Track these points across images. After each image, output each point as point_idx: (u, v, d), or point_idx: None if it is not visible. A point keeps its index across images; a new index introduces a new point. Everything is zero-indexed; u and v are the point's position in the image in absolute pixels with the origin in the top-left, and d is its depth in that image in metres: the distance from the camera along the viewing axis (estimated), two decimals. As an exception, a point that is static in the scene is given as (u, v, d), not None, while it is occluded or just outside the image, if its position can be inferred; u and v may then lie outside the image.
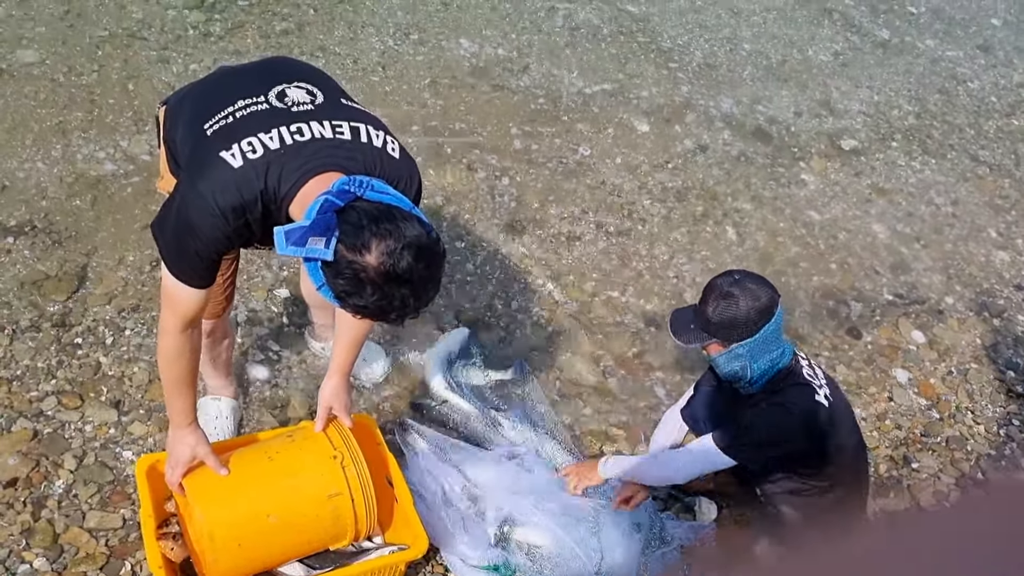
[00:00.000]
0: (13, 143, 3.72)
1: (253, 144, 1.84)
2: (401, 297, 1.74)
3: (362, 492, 2.22)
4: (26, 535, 2.48)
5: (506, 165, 4.23)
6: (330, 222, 1.70)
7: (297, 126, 1.86)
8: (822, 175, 4.68)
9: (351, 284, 1.72)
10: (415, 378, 3.18)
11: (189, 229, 1.87)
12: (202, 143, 1.91)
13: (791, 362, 2.52)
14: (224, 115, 1.92)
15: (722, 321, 2.44)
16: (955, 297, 4.11)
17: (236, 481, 2.19)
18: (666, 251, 3.98)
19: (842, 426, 2.56)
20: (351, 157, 1.87)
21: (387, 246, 1.69)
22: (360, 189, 1.74)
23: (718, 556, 2.76)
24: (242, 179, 1.83)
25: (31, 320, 3.05)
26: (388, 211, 1.73)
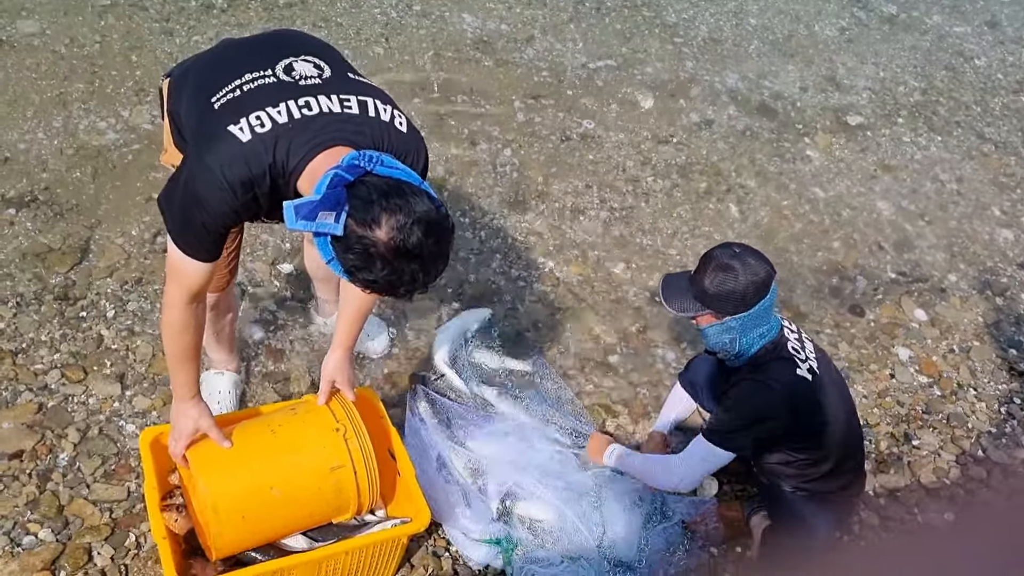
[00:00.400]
0: (14, 115, 3.70)
1: (261, 118, 1.83)
2: (411, 272, 1.75)
3: (364, 464, 2.23)
4: (31, 506, 2.49)
5: (509, 138, 4.21)
6: (340, 196, 1.70)
7: (305, 100, 1.86)
8: (827, 151, 4.66)
9: (361, 259, 1.73)
10: (417, 352, 3.18)
11: (197, 202, 1.87)
12: (209, 117, 1.90)
13: (777, 336, 2.53)
14: (231, 88, 1.91)
15: (719, 293, 2.42)
16: (958, 275, 4.10)
17: (239, 454, 2.20)
18: (669, 227, 3.96)
19: (829, 399, 2.55)
20: (359, 131, 1.87)
21: (397, 221, 1.69)
22: (370, 164, 1.74)
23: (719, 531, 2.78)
24: (251, 153, 1.83)
25: (35, 293, 3.05)
26: (398, 186, 1.73)
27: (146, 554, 2.44)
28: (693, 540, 2.75)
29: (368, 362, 3.10)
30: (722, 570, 2.74)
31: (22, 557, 2.36)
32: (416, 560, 2.57)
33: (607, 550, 2.63)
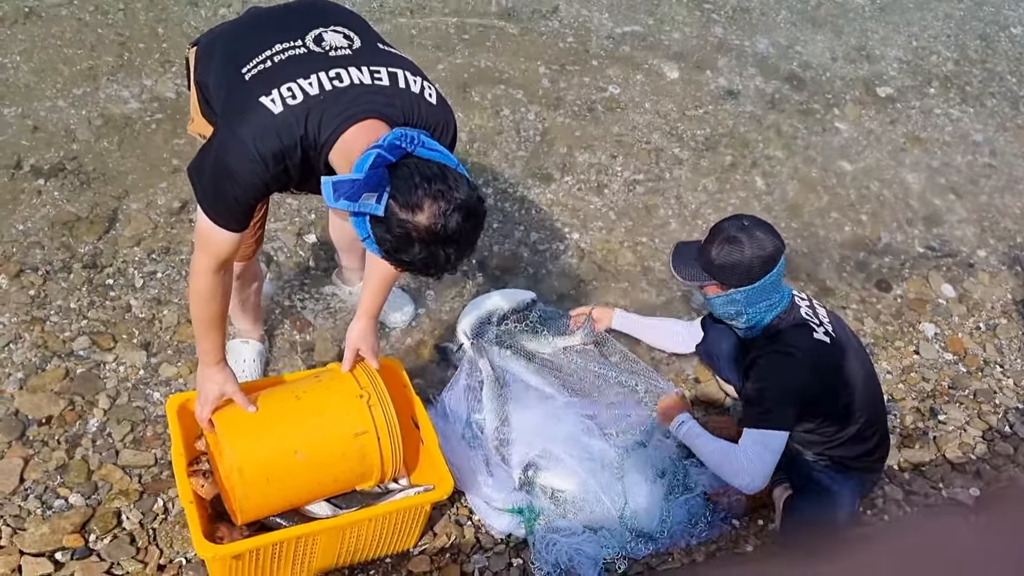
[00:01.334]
0: (42, 85, 3.72)
1: (293, 90, 1.83)
2: (446, 255, 1.78)
3: (388, 431, 2.25)
4: (61, 472, 2.53)
5: (534, 107, 4.18)
6: (383, 177, 1.71)
7: (336, 71, 1.86)
8: (856, 123, 4.59)
9: (400, 241, 1.76)
10: (441, 323, 3.19)
11: (228, 174, 1.88)
12: (240, 88, 1.90)
13: (788, 305, 2.52)
14: (262, 59, 1.91)
15: (724, 265, 2.42)
16: (988, 250, 4.04)
17: (264, 419, 2.22)
18: (694, 199, 3.93)
19: (849, 362, 2.54)
20: (390, 103, 1.87)
21: (440, 207, 1.72)
22: (411, 145, 1.76)
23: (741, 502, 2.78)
24: (282, 125, 1.83)
25: (63, 261, 3.09)
26: (441, 171, 1.75)
27: (174, 518, 2.47)
28: (715, 511, 2.75)
29: (392, 332, 3.11)
30: (744, 541, 2.75)
31: (53, 520, 2.41)
32: (439, 528, 2.60)
33: (629, 520, 2.64)
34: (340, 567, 2.44)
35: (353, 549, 2.38)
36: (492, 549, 2.58)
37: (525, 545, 2.59)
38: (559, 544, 2.55)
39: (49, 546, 2.36)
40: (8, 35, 3.91)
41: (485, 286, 3.35)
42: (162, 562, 2.39)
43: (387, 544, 2.44)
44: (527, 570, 2.54)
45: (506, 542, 2.60)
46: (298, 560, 2.29)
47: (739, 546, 2.73)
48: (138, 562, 2.37)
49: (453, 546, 2.57)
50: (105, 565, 2.35)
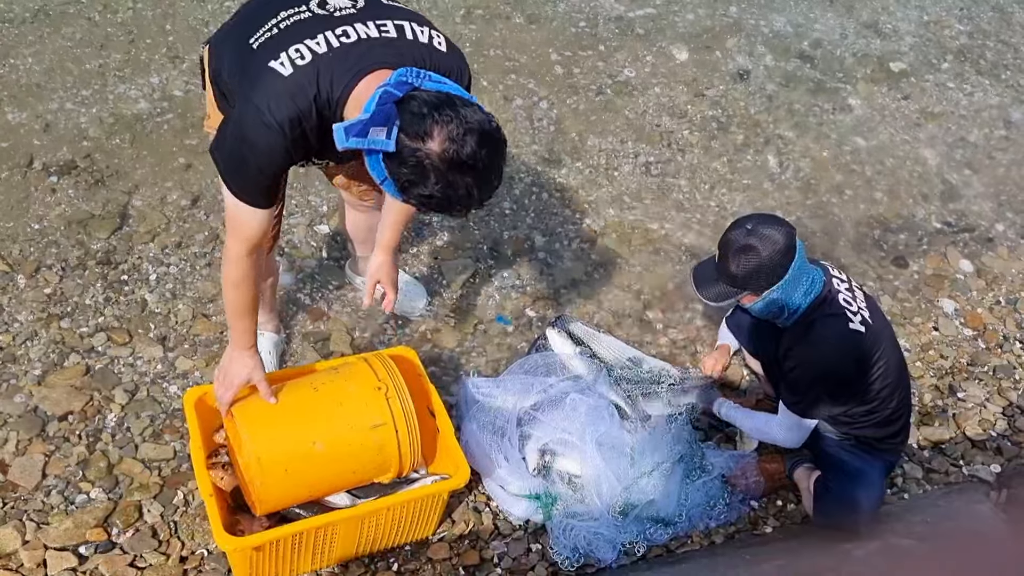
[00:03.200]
0: (53, 84, 3.74)
1: (301, 51, 1.82)
2: (465, 186, 1.74)
3: (406, 422, 2.25)
4: (82, 466, 2.56)
5: (544, 92, 4.16)
6: (390, 112, 1.70)
7: (343, 29, 1.85)
8: (869, 99, 4.54)
9: (415, 172, 1.72)
10: (456, 311, 3.19)
11: (248, 145, 1.87)
12: (250, 58, 1.90)
13: (824, 290, 2.49)
14: (268, 28, 1.91)
15: (748, 274, 2.42)
16: (1006, 224, 4.00)
17: (282, 410, 2.24)
18: (707, 180, 3.91)
19: (884, 346, 2.53)
20: (399, 54, 1.86)
21: (450, 131, 1.68)
22: (418, 79, 1.74)
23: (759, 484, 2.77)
24: (295, 87, 1.82)
25: (78, 258, 3.11)
26: (448, 98, 1.72)
27: (194, 511, 2.49)
28: (733, 494, 2.75)
29: (407, 322, 3.12)
30: (763, 523, 2.74)
31: (76, 515, 2.43)
32: (457, 515, 2.60)
33: (646, 505, 2.64)
34: (360, 556, 2.45)
35: (372, 538, 2.39)
36: (511, 535, 2.59)
37: (543, 530, 2.59)
38: (577, 529, 2.55)
39: (73, 540, 2.38)
40: (18, 35, 3.93)
41: (497, 271, 3.34)
42: (184, 554, 2.41)
43: (406, 532, 2.45)
44: (546, 555, 2.54)
45: (524, 528, 2.61)
46: (318, 550, 2.30)
47: (758, 528, 2.73)
48: (160, 554, 2.40)
49: (472, 533, 2.58)
50: (128, 558, 2.37)
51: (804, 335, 2.49)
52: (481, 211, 3.54)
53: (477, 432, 2.66)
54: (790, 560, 2.40)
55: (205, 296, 3.07)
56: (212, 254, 3.21)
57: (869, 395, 2.53)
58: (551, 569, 2.51)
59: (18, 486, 2.49)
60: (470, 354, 3.06)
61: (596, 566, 2.53)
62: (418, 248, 3.39)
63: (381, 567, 2.46)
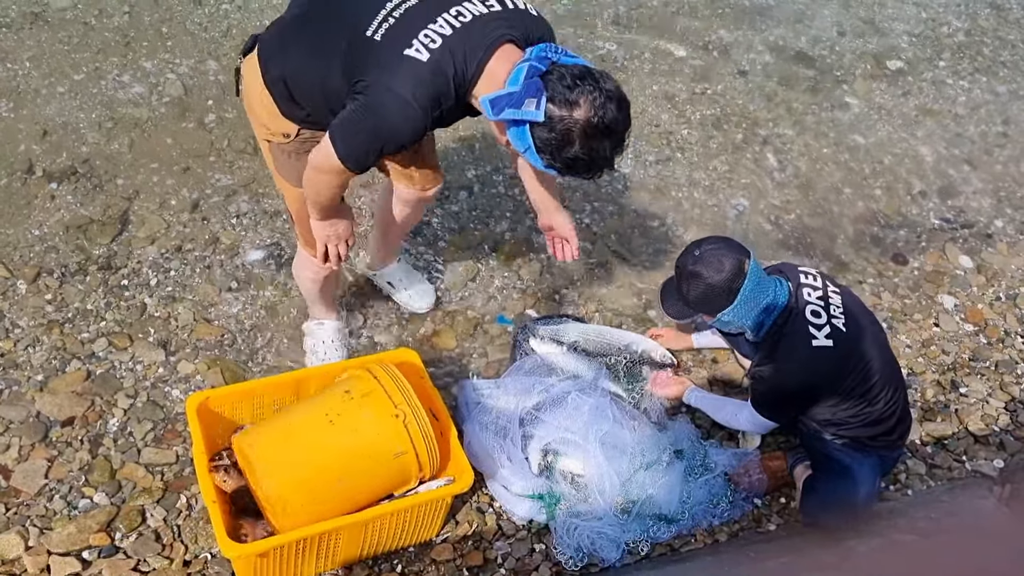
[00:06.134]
0: (51, 89, 3.74)
1: (430, 35, 1.94)
2: (605, 148, 1.96)
3: (426, 445, 2.28)
4: (85, 471, 2.56)
5: (541, 96, 4.16)
6: (538, 85, 1.89)
7: (455, 10, 1.97)
8: (866, 97, 4.55)
9: (562, 139, 1.92)
10: (458, 310, 3.19)
11: (389, 130, 2.00)
12: (373, 50, 1.98)
13: (790, 302, 2.49)
14: (382, 18, 1.99)
15: (697, 298, 2.47)
16: (1004, 220, 4.00)
17: (301, 448, 2.26)
18: (706, 179, 3.91)
19: (862, 351, 2.52)
20: (511, 25, 2.00)
21: (593, 100, 1.90)
22: (555, 54, 1.94)
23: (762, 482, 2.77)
24: (435, 70, 1.94)
25: (78, 264, 3.10)
26: (588, 71, 1.94)
27: (197, 515, 2.49)
28: (736, 492, 2.75)
29: (408, 324, 3.12)
30: (767, 521, 2.74)
31: (79, 519, 2.43)
32: (460, 516, 2.60)
33: (648, 504, 2.64)
34: (364, 558, 2.45)
35: (376, 541, 2.39)
36: (514, 535, 2.59)
37: (547, 530, 2.59)
38: (581, 528, 2.55)
39: (76, 545, 2.38)
40: (16, 40, 3.93)
41: (498, 272, 3.35)
42: (187, 558, 2.40)
43: (409, 535, 2.45)
44: (550, 555, 2.54)
45: (528, 528, 2.61)
46: (322, 554, 2.30)
47: (761, 525, 2.73)
48: (164, 558, 2.39)
49: (475, 533, 2.57)
50: (132, 562, 2.37)
51: (771, 353, 2.52)
52: (481, 212, 3.55)
53: (479, 433, 2.67)
54: (794, 557, 2.41)
55: (206, 300, 3.07)
56: (212, 257, 3.21)
57: (851, 399, 2.54)
58: (555, 569, 2.51)
59: (21, 492, 2.48)
60: (471, 355, 3.06)
61: (600, 565, 2.53)
62: (419, 249, 3.38)
63: (385, 569, 2.46)
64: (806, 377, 2.50)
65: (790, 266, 2.65)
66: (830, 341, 2.45)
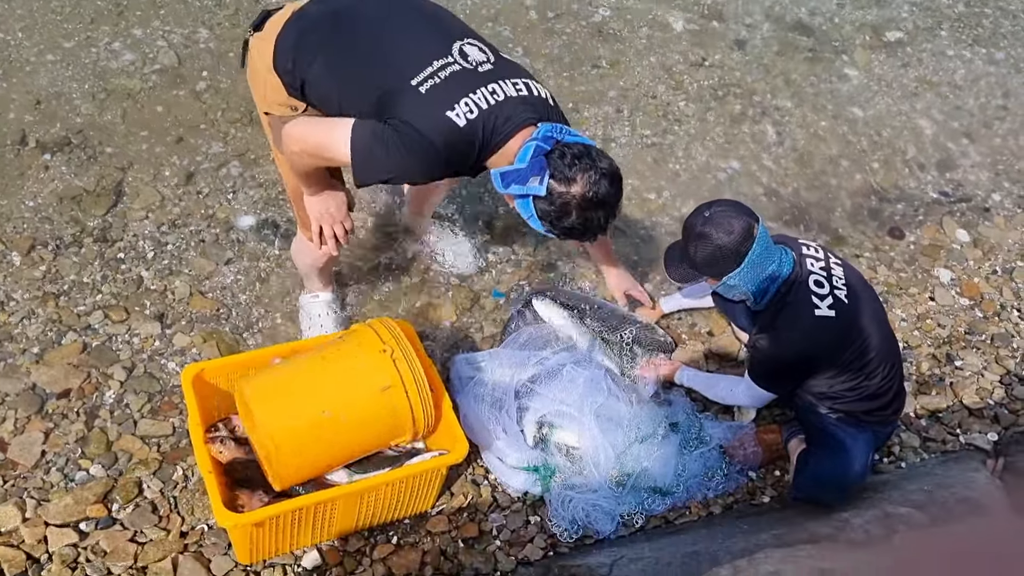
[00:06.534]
0: (44, 59, 3.70)
1: (469, 105, 2.13)
2: (598, 217, 2.19)
3: (415, 382, 2.26)
4: (81, 443, 2.56)
5: (537, 67, 4.13)
6: (543, 164, 2.12)
7: (491, 87, 2.16)
8: (866, 69, 4.52)
9: (560, 211, 2.16)
10: (452, 284, 3.19)
11: (412, 167, 2.18)
12: (418, 99, 2.13)
13: (793, 273, 2.48)
14: (428, 75, 2.15)
15: (705, 260, 2.44)
16: (1002, 194, 3.99)
17: (292, 382, 2.26)
18: (703, 152, 3.89)
19: (861, 328, 2.52)
20: (534, 111, 2.20)
21: (589, 177, 2.12)
22: (560, 134, 2.16)
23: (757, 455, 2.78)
24: (469, 136, 2.14)
25: (73, 235, 3.09)
26: (587, 149, 2.15)
27: (194, 486, 2.50)
28: (731, 465, 2.76)
29: (408, 291, 3.11)
30: (761, 493, 2.76)
31: (75, 491, 2.44)
32: (456, 488, 2.61)
33: (643, 476, 2.65)
34: (359, 529, 2.46)
35: (371, 513, 2.40)
36: (509, 507, 2.60)
37: (542, 503, 2.61)
38: (575, 501, 2.56)
39: (73, 517, 2.39)
40: (7, 9, 3.88)
41: (493, 246, 3.34)
42: (184, 529, 2.42)
43: (405, 507, 2.46)
44: (544, 527, 2.56)
45: (523, 500, 2.62)
46: (318, 525, 2.32)
47: (756, 498, 2.75)
48: (161, 529, 2.41)
49: (471, 505, 2.59)
50: (129, 533, 2.38)
51: (771, 322, 2.51)
52: (475, 187, 3.53)
53: (474, 405, 2.67)
54: (788, 529, 2.42)
55: (202, 273, 3.06)
56: (208, 231, 3.19)
57: (849, 372, 2.54)
58: (550, 541, 2.53)
59: (18, 464, 2.49)
60: (467, 329, 3.06)
61: (595, 537, 2.55)
62: (414, 222, 3.37)
63: (380, 540, 2.48)
64: (807, 346, 2.50)
65: (791, 238, 2.64)
66: (832, 312, 2.45)
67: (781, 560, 1.95)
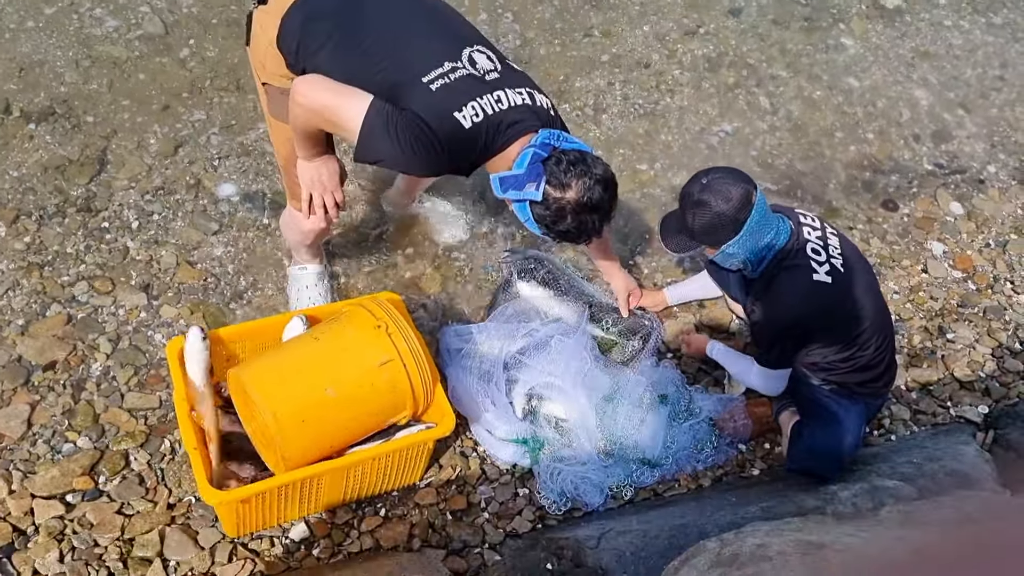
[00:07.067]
0: (26, 26, 3.64)
1: (475, 108, 2.17)
2: (592, 221, 2.24)
3: (412, 356, 2.25)
4: (68, 416, 2.55)
5: (529, 36, 4.08)
6: (539, 170, 2.19)
7: (497, 94, 2.21)
8: (862, 38, 4.46)
9: (556, 215, 2.22)
10: (440, 256, 3.16)
11: (415, 158, 2.19)
12: (428, 96, 2.16)
13: (791, 241, 2.46)
14: (439, 74, 2.18)
15: (703, 228, 2.40)
16: (998, 166, 3.96)
17: (288, 364, 2.24)
18: (697, 122, 3.85)
19: (856, 297, 2.51)
20: (536, 118, 2.26)
21: (584, 183, 2.18)
22: (557, 141, 2.22)
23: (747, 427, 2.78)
24: (472, 138, 2.19)
25: (57, 205, 3.05)
26: (582, 156, 2.21)
27: (181, 459, 2.49)
28: (721, 437, 2.76)
29: (397, 263, 3.09)
30: (751, 466, 2.76)
31: (62, 463, 2.43)
32: (444, 460, 2.61)
33: (632, 448, 2.65)
34: (347, 502, 2.46)
35: (358, 486, 2.39)
36: (498, 479, 2.60)
37: (531, 475, 2.60)
38: (564, 473, 2.56)
39: (60, 489, 2.38)
40: (-12, -25, 3.81)
41: (486, 216, 3.31)
42: (171, 501, 2.41)
43: (392, 480, 2.46)
44: (533, 499, 2.56)
45: (511, 472, 2.62)
46: (304, 499, 2.31)
47: (745, 471, 2.75)
48: (148, 502, 2.40)
49: (459, 478, 2.58)
50: (115, 505, 2.38)
51: (767, 288, 2.49)
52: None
53: (463, 377, 2.66)
54: (777, 502, 2.42)
55: (189, 243, 3.03)
56: (195, 200, 3.16)
57: (843, 342, 2.53)
58: (538, 513, 2.53)
59: (4, 436, 2.48)
60: (455, 300, 3.04)
61: (583, 510, 2.55)
62: (404, 193, 3.34)
63: (368, 512, 2.47)
64: (803, 310, 2.47)
65: (787, 207, 2.61)
66: (829, 278, 2.43)
67: (767, 533, 1.95)
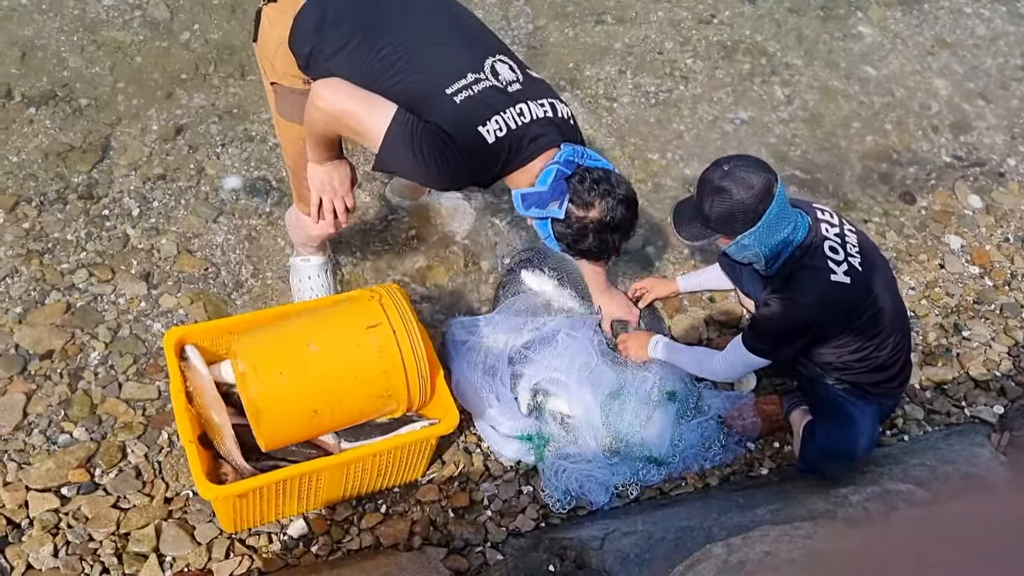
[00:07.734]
0: (29, 9, 3.59)
1: (499, 123, 2.13)
2: (613, 240, 2.23)
3: (403, 324, 2.18)
4: (64, 406, 2.51)
5: (542, 22, 4.00)
6: (563, 188, 2.16)
7: (519, 108, 2.17)
8: (880, 26, 4.37)
9: (578, 234, 2.20)
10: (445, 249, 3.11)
11: (438, 173, 2.15)
12: (452, 108, 2.11)
13: (808, 237, 2.38)
14: (462, 86, 2.13)
15: (720, 216, 2.31)
16: (1018, 158, 3.87)
17: (277, 325, 2.23)
18: (710, 111, 3.77)
19: (874, 297, 2.43)
20: (558, 132, 2.22)
21: (607, 203, 2.17)
22: (581, 159, 2.18)
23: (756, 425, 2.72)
24: (494, 153, 2.15)
25: (58, 192, 3.01)
26: (606, 175, 2.19)
27: (179, 452, 2.45)
28: (729, 435, 2.70)
29: (402, 254, 3.04)
30: (759, 465, 2.70)
31: (58, 455, 2.39)
32: (447, 456, 2.56)
33: (638, 446, 2.59)
34: (347, 499, 2.41)
35: (359, 483, 2.35)
36: (501, 477, 2.55)
37: (535, 472, 2.55)
38: (569, 471, 2.51)
39: (55, 481, 2.34)
40: (-9, -44, 3.76)
41: (491, 208, 3.25)
42: (168, 495, 2.37)
43: (394, 476, 2.41)
44: (537, 497, 2.51)
45: (515, 469, 2.57)
46: (303, 495, 2.27)
47: (753, 470, 2.69)
48: (144, 495, 2.36)
49: (462, 474, 2.54)
50: (111, 499, 2.34)
51: (784, 286, 2.40)
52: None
53: (468, 372, 2.61)
54: (785, 504, 2.36)
55: (190, 231, 2.99)
56: (197, 188, 3.11)
57: (859, 342, 2.45)
58: (542, 511, 2.48)
59: (-1, 426, 2.45)
60: (462, 291, 2.99)
61: (588, 508, 2.49)
62: (410, 182, 3.28)
63: (369, 509, 2.43)
64: (819, 312, 2.39)
65: (805, 202, 2.54)
66: (848, 278, 2.36)
67: (776, 540, 1.89)
